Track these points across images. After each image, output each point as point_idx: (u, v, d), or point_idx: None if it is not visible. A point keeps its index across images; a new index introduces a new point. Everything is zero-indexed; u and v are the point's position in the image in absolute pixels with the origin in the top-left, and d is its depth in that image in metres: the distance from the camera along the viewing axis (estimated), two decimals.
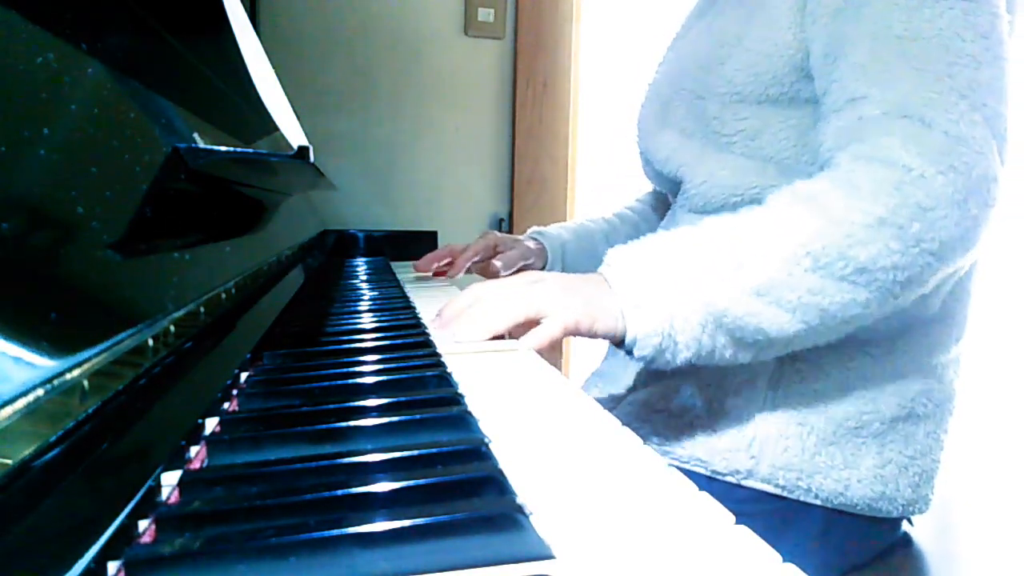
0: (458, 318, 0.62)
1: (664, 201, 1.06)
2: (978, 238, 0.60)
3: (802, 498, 0.69)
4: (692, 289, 0.59)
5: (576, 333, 0.61)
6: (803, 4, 0.67)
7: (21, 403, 0.22)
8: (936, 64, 0.58)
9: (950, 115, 0.57)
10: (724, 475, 0.71)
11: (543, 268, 1.02)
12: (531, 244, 1.04)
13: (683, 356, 0.60)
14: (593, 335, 0.61)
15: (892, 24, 0.60)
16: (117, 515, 0.24)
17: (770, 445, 0.69)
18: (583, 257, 1.04)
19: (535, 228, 1.08)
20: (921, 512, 0.74)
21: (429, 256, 1.09)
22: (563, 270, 1.03)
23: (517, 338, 0.61)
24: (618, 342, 0.62)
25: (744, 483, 0.70)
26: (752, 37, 0.71)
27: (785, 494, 0.70)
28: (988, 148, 0.58)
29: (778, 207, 0.61)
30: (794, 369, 0.71)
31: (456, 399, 0.39)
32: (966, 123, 0.57)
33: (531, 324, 0.61)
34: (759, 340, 0.60)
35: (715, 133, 0.75)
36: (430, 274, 1.09)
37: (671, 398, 0.75)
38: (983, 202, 0.58)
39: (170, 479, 0.30)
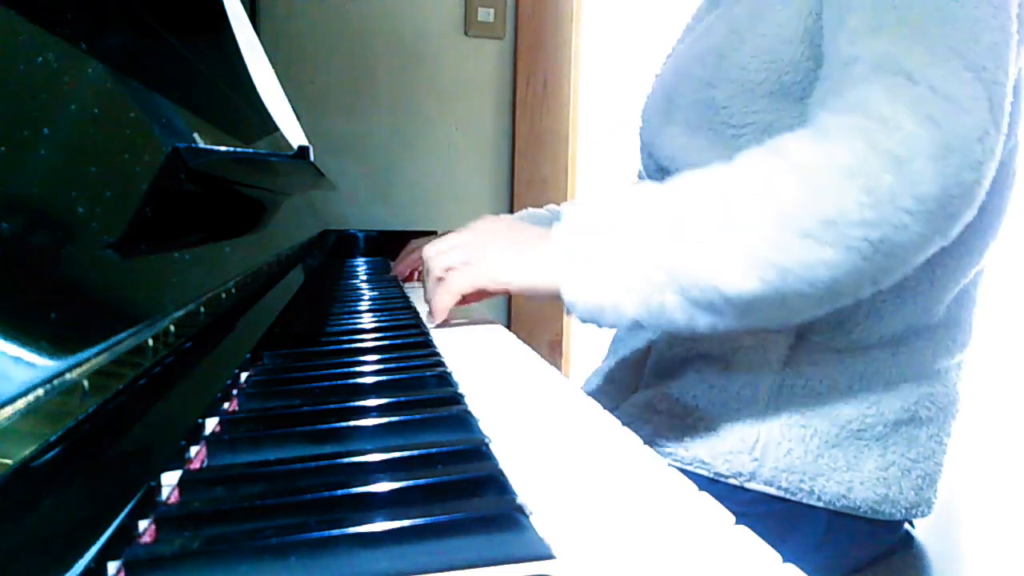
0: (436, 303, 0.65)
1: None
2: (964, 204, 0.54)
3: (805, 500, 0.69)
4: (634, 242, 0.56)
5: (495, 291, 0.62)
6: None
7: (21, 403, 0.22)
8: (931, 24, 0.55)
9: (939, 71, 0.54)
10: (727, 477, 0.71)
11: None
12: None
13: (629, 315, 0.57)
14: (510, 291, 0.62)
15: None
16: (117, 515, 0.24)
17: (773, 447, 0.69)
18: None
19: (525, 211, 1.05)
20: (924, 515, 0.73)
21: (403, 265, 1.07)
22: None
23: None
24: (553, 298, 0.60)
25: (747, 485, 0.70)
26: (768, 22, 0.69)
27: (788, 496, 0.69)
28: (977, 107, 0.53)
29: (742, 157, 0.58)
30: (797, 372, 0.70)
31: (456, 399, 0.39)
32: (956, 80, 0.53)
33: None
34: (713, 300, 0.55)
35: (723, 124, 0.73)
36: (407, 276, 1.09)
37: (673, 399, 0.75)
38: (965, 163, 0.53)
39: (170, 479, 0.30)
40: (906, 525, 0.77)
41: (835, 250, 0.53)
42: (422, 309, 0.73)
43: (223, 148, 0.55)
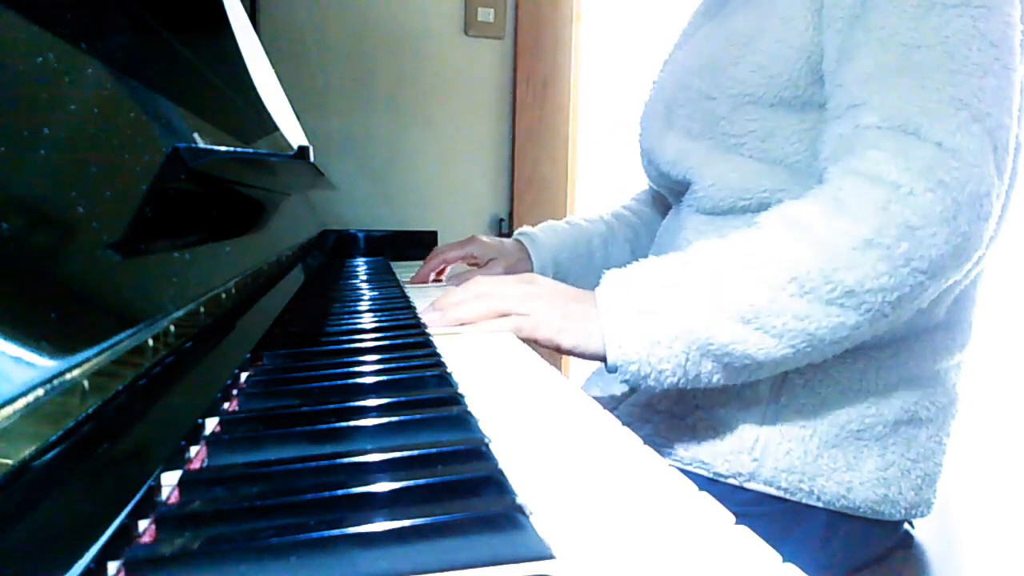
0: (456, 306, 0.66)
1: (662, 199, 1.05)
2: (973, 251, 0.59)
3: (804, 500, 0.69)
4: (675, 317, 0.59)
5: (546, 344, 0.64)
6: (819, 6, 0.66)
7: (21, 403, 0.22)
8: (938, 72, 0.57)
9: (946, 125, 0.56)
10: (726, 477, 0.71)
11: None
12: (516, 249, 1.02)
13: (669, 381, 0.61)
14: (560, 349, 0.64)
15: (899, 31, 0.59)
16: (117, 515, 0.24)
17: (772, 447, 0.69)
18: (576, 266, 1.02)
19: (524, 229, 1.05)
20: (923, 515, 0.73)
21: (424, 271, 1.07)
22: (554, 278, 1.01)
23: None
24: (599, 360, 0.64)
25: (746, 485, 0.70)
26: (767, 39, 0.70)
27: (787, 496, 0.70)
28: (984, 160, 0.56)
29: (764, 230, 0.61)
30: (797, 372, 0.70)
31: (456, 399, 0.39)
32: (963, 134, 0.56)
33: None
34: (748, 365, 0.60)
35: (724, 134, 0.74)
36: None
37: (673, 399, 0.75)
38: (975, 217, 0.57)
39: (170, 479, 0.30)
40: (905, 525, 0.77)
41: (857, 314, 0.58)
42: (422, 309, 0.73)
43: (223, 148, 0.55)
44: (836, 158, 0.62)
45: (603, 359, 0.63)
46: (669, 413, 0.75)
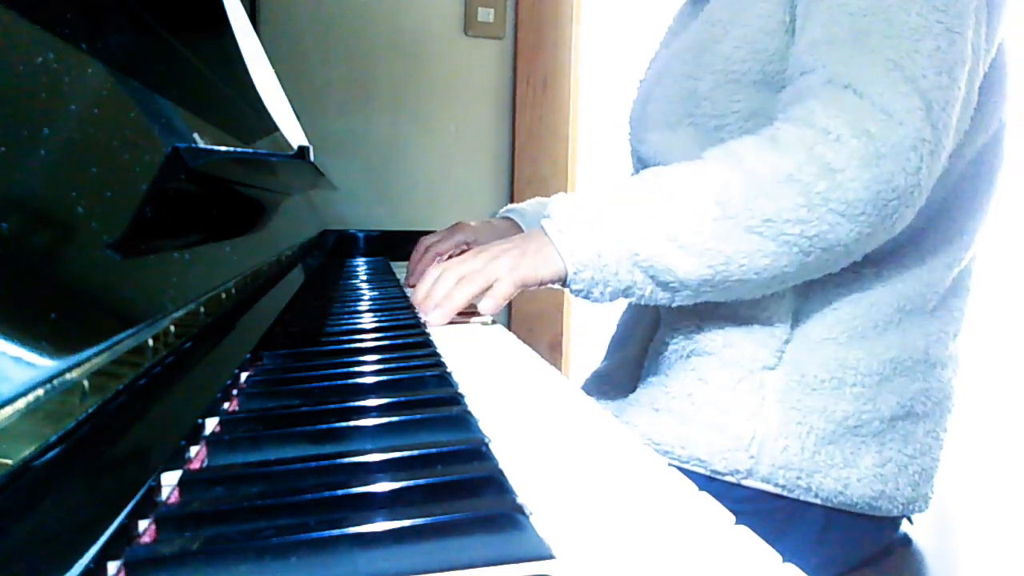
0: (425, 302, 0.70)
1: None
2: (900, 203, 0.60)
3: (802, 497, 0.69)
4: (615, 230, 0.65)
5: (526, 285, 0.69)
6: None
7: (21, 403, 0.22)
8: (876, 36, 0.61)
9: (878, 85, 0.60)
10: (724, 475, 0.71)
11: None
12: (508, 227, 1.02)
13: (611, 289, 0.66)
14: (541, 283, 0.69)
15: (848, 1, 0.63)
16: (117, 515, 0.24)
17: (769, 444, 0.69)
18: None
19: (512, 206, 1.06)
20: (921, 511, 0.74)
21: (417, 269, 1.07)
22: None
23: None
24: (564, 283, 0.69)
25: (744, 483, 0.70)
26: (750, 13, 0.71)
27: (785, 493, 0.70)
28: (912, 118, 0.59)
29: (705, 159, 0.65)
30: (793, 369, 0.71)
31: (456, 399, 0.39)
32: (893, 93, 0.59)
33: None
34: (672, 282, 0.64)
35: (705, 116, 0.74)
36: None
37: (671, 398, 0.75)
38: (899, 169, 0.59)
39: (170, 479, 0.30)
40: (904, 521, 0.77)
41: (775, 244, 0.62)
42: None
43: (223, 148, 0.55)
44: (784, 109, 0.66)
45: (564, 278, 0.68)
46: (667, 412, 0.75)
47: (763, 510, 0.70)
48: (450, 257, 1.02)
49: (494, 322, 0.75)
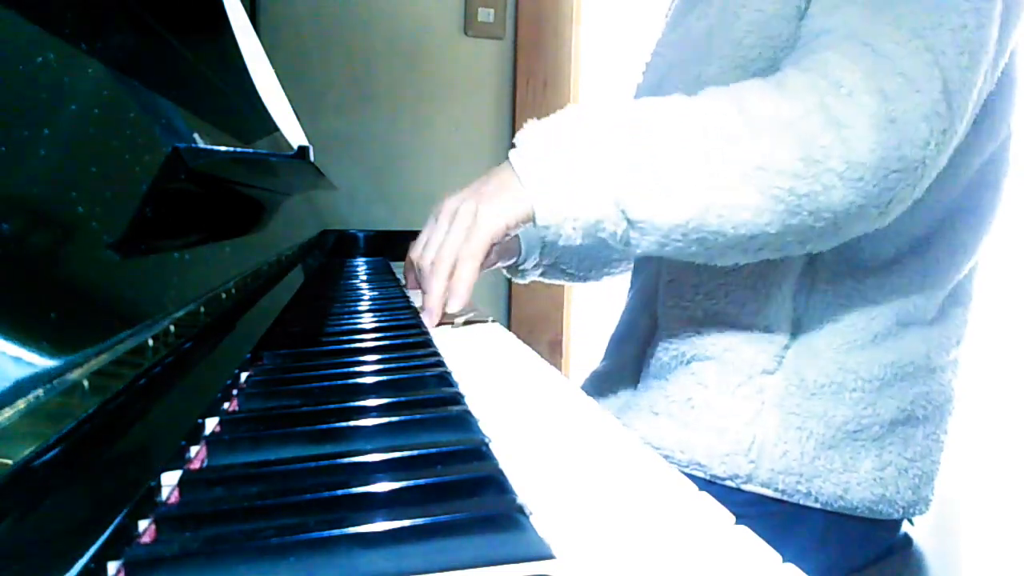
0: (427, 298, 0.65)
1: None
2: (903, 179, 0.56)
3: (802, 502, 0.69)
4: (593, 166, 0.59)
5: (495, 242, 0.63)
6: None
7: (21, 403, 0.22)
8: (900, 5, 0.57)
9: (900, 48, 0.55)
10: (723, 479, 0.71)
11: (517, 256, 0.94)
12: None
13: (580, 223, 0.61)
14: (508, 229, 0.62)
15: None
16: (117, 515, 0.24)
17: (769, 449, 0.69)
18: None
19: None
20: (921, 513, 0.73)
21: (411, 280, 1.06)
22: (552, 261, 0.97)
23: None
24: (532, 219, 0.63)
25: (743, 487, 0.70)
26: None
27: (785, 498, 0.69)
28: (930, 88, 0.55)
29: (706, 95, 0.60)
30: (793, 373, 0.70)
31: (456, 399, 0.39)
32: (913, 59, 0.55)
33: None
34: (641, 221, 0.59)
35: None
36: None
37: (670, 403, 0.75)
38: (907, 138, 0.55)
39: (170, 479, 0.30)
40: (904, 524, 0.77)
41: (761, 197, 0.56)
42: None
43: (223, 148, 0.55)
44: (794, 58, 0.61)
45: (532, 214, 0.62)
46: (666, 415, 0.75)
47: (763, 515, 0.70)
48: None
49: (494, 321, 0.75)
